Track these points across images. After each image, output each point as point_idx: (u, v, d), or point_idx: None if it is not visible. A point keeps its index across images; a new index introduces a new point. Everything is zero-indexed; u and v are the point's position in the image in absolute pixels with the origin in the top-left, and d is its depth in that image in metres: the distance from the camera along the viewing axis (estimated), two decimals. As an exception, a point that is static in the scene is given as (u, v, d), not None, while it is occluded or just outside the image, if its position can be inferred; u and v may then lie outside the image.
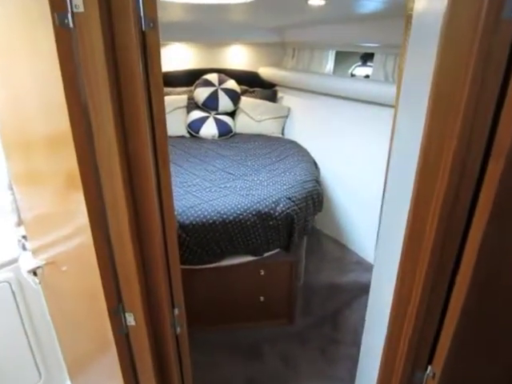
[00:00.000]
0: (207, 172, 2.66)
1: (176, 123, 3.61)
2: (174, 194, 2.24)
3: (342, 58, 3.64)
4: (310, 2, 2.16)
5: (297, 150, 3.07)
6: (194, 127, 3.56)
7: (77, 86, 0.87)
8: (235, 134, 3.63)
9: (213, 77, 3.76)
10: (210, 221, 2.01)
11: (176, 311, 1.24)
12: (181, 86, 3.87)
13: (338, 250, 3.02)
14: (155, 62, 0.96)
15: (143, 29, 0.91)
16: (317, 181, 2.58)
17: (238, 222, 2.04)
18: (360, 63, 3.64)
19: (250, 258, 2.20)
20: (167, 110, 3.57)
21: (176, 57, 3.95)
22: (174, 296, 1.22)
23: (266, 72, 3.95)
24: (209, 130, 3.53)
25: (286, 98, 3.85)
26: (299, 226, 2.25)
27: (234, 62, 4.02)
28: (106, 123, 0.90)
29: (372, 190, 2.79)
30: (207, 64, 3.94)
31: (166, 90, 3.81)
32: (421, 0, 1.16)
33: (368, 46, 3.03)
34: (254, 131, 3.62)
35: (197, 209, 2.05)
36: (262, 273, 2.32)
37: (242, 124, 3.66)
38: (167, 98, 3.70)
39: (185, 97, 3.72)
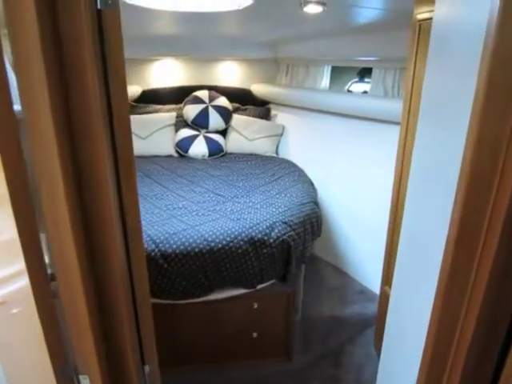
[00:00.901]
0: (195, 194, 2.44)
1: (164, 142, 3.41)
2: (157, 218, 2.01)
3: (338, 74, 3.50)
4: (306, 10, 1.99)
5: (292, 170, 2.87)
6: (183, 146, 3.35)
7: (4, 83, 0.65)
8: (226, 153, 3.43)
9: (203, 94, 3.59)
10: (196, 249, 1.77)
11: (147, 368, 0.99)
12: (169, 103, 3.69)
13: (339, 279, 2.77)
14: (116, 50, 0.75)
15: (98, 7, 0.70)
16: (315, 203, 2.36)
17: (227, 250, 1.80)
18: (357, 79, 3.49)
19: (241, 291, 1.96)
20: (154, 128, 3.39)
21: (165, 73, 3.78)
22: (144, 349, 0.98)
23: (258, 89, 3.79)
24: (198, 148, 3.33)
25: (280, 116, 3.68)
26: (297, 254, 2.02)
27: (225, 79, 3.86)
28: (45, 131, 0.67)
29: (375, 213, 2.58)
30: (197, 81, 3.78)
31: (154, 107, 3.63)
32: (443, 7, 0.99)
33: (366, 59, 2.88)
34: (246, 150, 3.42)
35: (181, 235, 1.81)
36: (255, 306, 2.08)
37: (234, 143, 3.47)
38: (155, 116, 3.51)
39: (173, 114, 3.53)
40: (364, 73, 3.40)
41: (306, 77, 3.49)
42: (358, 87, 3.51)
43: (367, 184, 2.65)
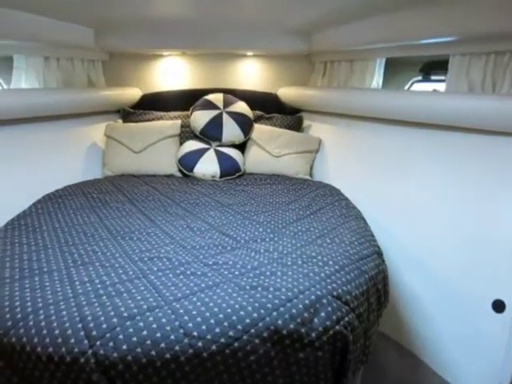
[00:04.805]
0: (191, 232, 1.60)
1: (164, 157, 2.61)
2: (115, 277, 1.07)
3: (393, 72, 2.65)
4: None
5: (336, 199, 1.98)
6: (187, 163, 2.54)
7: None
8: (244, 173, 2.59)
9: (217, 97, 2.80)
10: (168, 354, 0.90)
11: None
12: (175, 110, 2.92)
13: (409, 368, 1.80)
14: None
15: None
16: (379, 254, 1.46)
17: (229, 356, 0.93)
18: (420, 78, 2.63)
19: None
20: (152, 139, 2.60)
21: (170, 73, 3.05)
22: None
23: (287, 93, 2.97)
24: (207, 166, 2.50)
25: (316, 127, 2.83)
26: (356, 353, 1.12)
27: (246, 82, 3.07)
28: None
29: (466, 271, 1.66)
30: (211, 83, 3.01)
31: (156, 114, 2.88)
32: None
33: (439, 42, 1.99)
34: (270, 170, 2.58)
35: (142, 323, 0.95)
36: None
37: (255, 160, 2.63)
38: (153, 125, 2.74)
39: (178, 123, 2.75)
40: (430, 68, 2.53)
41: (351, 76, 2.65)
42: (421, 88, 2.65)
43: (454, 225, 1.73)
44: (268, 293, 1.07)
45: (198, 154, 2.56)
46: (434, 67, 2.50)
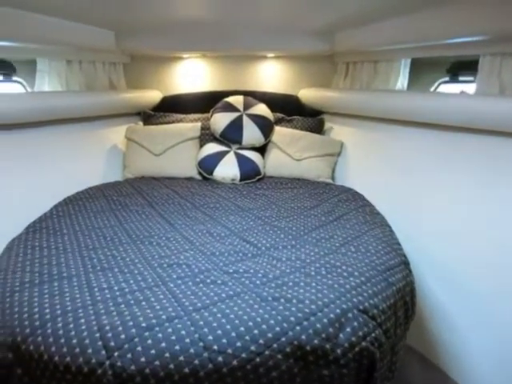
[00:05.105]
0: (211, 238, 1.56)
1: (184, 160, 2.60)
2: (134, 284, 1.04)
3: (418, 73, 2.56)
4: None
5: (360, 205, 1.92)
6: (207, 165, 2.51)
7: None
8: (264, 176, 2.55)
9: (237, 100, 2.77)
10: (187, 368, 0.87)
11: None
12: (195, 112, 2.91)
13: (433, 382, 1.74)
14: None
15: None
16: (406, 264, 1.40)
17: (250, 372, 0.89)
18: (447, 78, 2.54)
19: None
20: (172, 142, 2.59)
21: (191, 76, 3.04)
22: None
23: (309, 95, 2.92)
24: (227, 169, 2.48)
25: (338, 130, 2.77)
26: (383, 370, 1.07)
27: (266, 83, 3.04)
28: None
29: (502, 285, 1.56)
30: (231, 85, 2.99)
31: (176, 116, 2.88)
32: None
33: (467, 41, 1.90)
34: (291, 174, 2.53)
35: (160, 335, 0.92)
36: None
37: (275, 163, 2.59)
38: (173, 127, 2.73)
39: (198, 125, 2.73)
40: (458, 69, 2.44)
41: (374, 77, 2.58)
42: (448, 89, 2.55)
43: (487, 235, 1.63)
44: (291, 305, 1.03)
45: (218, 156, 2.54)
46: (462, 68, 2.41)
